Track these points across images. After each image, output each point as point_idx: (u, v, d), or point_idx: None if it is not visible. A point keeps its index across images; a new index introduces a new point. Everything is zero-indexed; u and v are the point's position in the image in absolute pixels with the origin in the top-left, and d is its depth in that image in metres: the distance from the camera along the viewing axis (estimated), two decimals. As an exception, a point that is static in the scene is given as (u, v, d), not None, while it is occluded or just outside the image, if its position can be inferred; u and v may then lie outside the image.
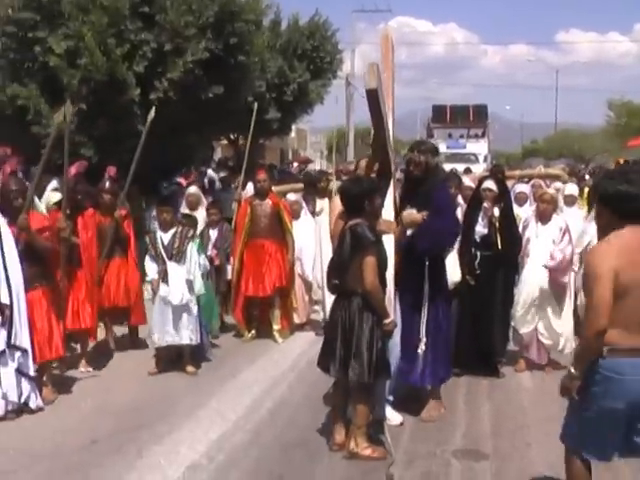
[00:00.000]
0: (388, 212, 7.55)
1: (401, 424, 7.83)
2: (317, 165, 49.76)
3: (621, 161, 26.92)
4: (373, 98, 6.78)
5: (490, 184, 9.81)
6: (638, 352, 5.11)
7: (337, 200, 7.75)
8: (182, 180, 18.44)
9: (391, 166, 7.64)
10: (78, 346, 10.01)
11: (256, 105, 15.37)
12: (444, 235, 7.95)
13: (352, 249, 6.97)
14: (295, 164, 34.05)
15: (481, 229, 9.65)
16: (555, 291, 9.86)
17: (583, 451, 5.49)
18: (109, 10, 16.09)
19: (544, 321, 9.89)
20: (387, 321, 7.01)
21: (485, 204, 9.60)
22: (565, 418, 5.63)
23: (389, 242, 7.34)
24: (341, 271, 7.13)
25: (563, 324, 9.91)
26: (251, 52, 19.61)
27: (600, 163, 37.22)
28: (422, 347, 7.90)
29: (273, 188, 12.51)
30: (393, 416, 7.84)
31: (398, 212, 7.71)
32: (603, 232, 5.38)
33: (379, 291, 6.95)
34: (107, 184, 11.03)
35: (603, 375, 5.18)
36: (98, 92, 15.80)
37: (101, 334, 10.76)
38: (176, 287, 9.83)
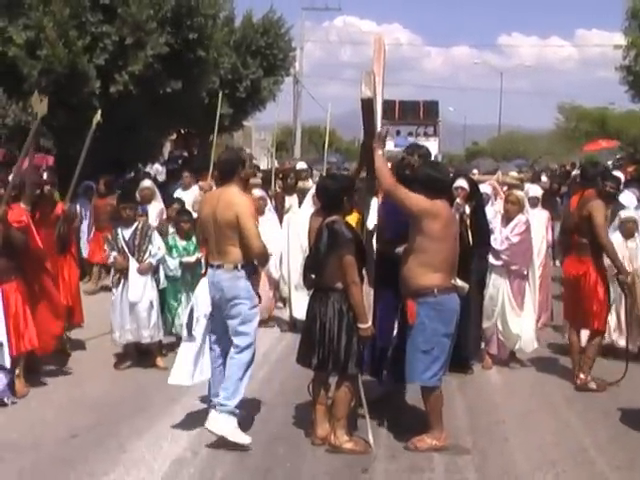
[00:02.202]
0: (371, 220, 7.63)
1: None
2: (264, 163, 49.63)
3: (567, 166, 27.45)
4: (367, 107, 6.78)
5: (462, 182, 9.91)
6: (450, 289, 7.18)
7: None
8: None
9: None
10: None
11: (220, 98, 15.24)
12: None
13: (329, 246, 7.01)
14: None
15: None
16: (515, 290, 10.03)
17: (437, 379, 7.26)
18: (70, 1, 15.92)
19: (502, 319, 10.02)
20: (364, 326, 7.01)
21: (458, 200, 9.68)
22: (412, 369, 7.24)
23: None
24: (318, 267, 7.18)
25: (521, 324, 10.04)
26: (209, 47, 19.58)
27: (545, 165, 37.75)
28: None
29: None
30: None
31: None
32: None
33: (359, 290, 7.00)
34: (45, 175, 10.46)
35: (436, 310, 7.08)
36: (58, 83, 15.64)
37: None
38: (136, 284, 9.79)
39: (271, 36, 28.50)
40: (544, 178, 19.20)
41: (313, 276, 7.26)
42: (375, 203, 7.74)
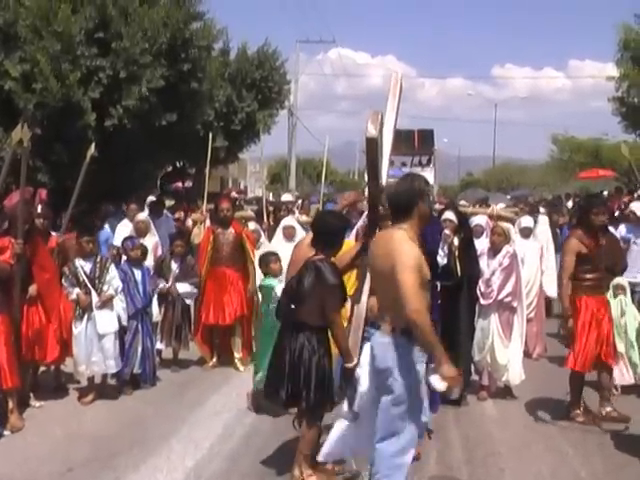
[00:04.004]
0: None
1: None
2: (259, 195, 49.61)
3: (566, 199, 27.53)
4: (372, 147, 6.73)
5: (450, 215, 9.97)
6: None
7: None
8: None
9: (378, 214, 7.49)
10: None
11: (211, 135, 15.28)
12: None
13: (312, 286, 6.91)
14: (233, 193, 34.02)
15: (441, 259, 9.73)
16: (503, 321, 10.08)
17: None
18: (63, 36, 16.04)
19: (490, 351, 10.06)
20: (349, 366, 6.80)
21: (446, 231, 9.68)
22: None
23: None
24: (296, 300, 7.07)
25: (508, 356, 10.06)
26: (203, 80, 19.70)
27: (540, 196, 37.84)
28: None
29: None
30: None
31: None
32: None
33: (343, 333, 6.90)
34: (39, 208, 10.41)
35: None
36: (53, 117, 15.72)
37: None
38: (102, 317, 9.82)
39: (266, 69, 28.69)
40: (542, 209, 19.16)
41: (293, 307, 7.13)
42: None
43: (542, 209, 19.23)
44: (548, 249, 13.76)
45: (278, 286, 9.01)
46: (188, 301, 11.68)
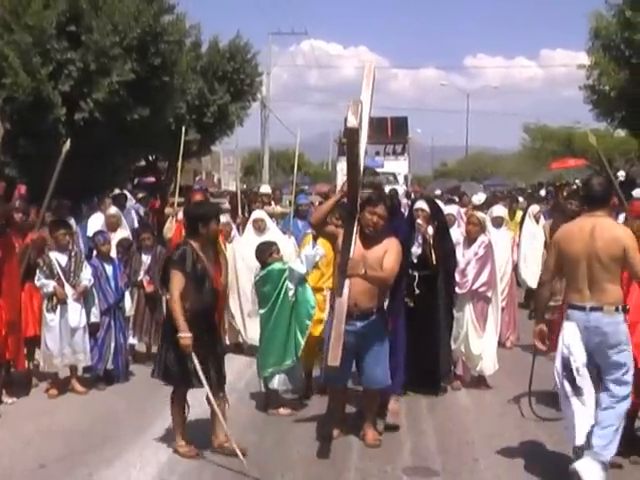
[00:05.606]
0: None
1: None
2: (232, 188, 49.47)
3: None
4: (353, 137, 6.75)
5: (422, 204, 9.96)
6: None
7: None
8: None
9: (357, 204, 7.59)
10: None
11: (183, 129, 15.10)
12: None
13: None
14: (196, 185, 33.82)
15: (416, 249, 9.73)
16: (477, 312, 10.10)
17: None
18: (34, 29, 15.93)
19: (465, 341, 10.07)
20: (180, 335, 7.27)
21: (419, 221, 9.67)
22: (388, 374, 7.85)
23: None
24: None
25: (482, 346, 10.08)
26: (175, 73, 19.60)
27: (513, 185, 38.08)
28: None
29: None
30: None
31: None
32: None
33: (174, 302, 7.32)
34: (17, 203, 10.40)
35: None
36: (22, 111, 15.61)
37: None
38: (74, 310, 9.81)
39: (238, 61, 28.59)
40: (520, 199, 19.22)
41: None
42: (354, 231, 7.64)
43: (521, 199, 19.26)
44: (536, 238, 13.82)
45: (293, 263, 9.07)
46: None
